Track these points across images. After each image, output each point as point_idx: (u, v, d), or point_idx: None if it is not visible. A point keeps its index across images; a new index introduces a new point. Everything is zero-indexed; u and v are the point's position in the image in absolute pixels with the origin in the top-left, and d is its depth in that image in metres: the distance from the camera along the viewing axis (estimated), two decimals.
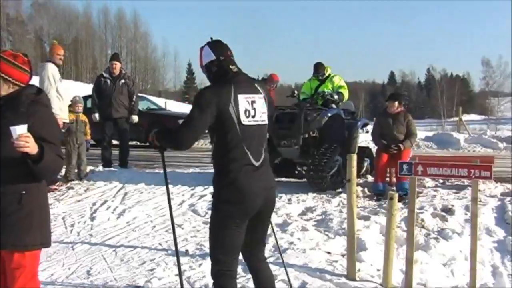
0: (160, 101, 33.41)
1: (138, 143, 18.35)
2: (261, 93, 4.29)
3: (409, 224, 5.58)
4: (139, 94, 15.82)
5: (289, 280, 5.41)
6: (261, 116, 4.25)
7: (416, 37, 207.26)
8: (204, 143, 21.14)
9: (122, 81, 11.62)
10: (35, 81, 4.77)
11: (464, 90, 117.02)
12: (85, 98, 13.15)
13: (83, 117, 10.81)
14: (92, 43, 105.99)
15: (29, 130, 3.60)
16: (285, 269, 5.38)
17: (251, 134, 4.17)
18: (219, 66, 4.27)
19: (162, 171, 8.32)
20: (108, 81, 11.58)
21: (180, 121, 17.46)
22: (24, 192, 3.82)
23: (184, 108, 44.58)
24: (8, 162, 3.72)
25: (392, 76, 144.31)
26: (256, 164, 4.20)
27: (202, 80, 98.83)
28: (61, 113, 9.73)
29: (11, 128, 3.54)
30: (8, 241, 3.81)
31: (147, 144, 17.77)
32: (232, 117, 4.07)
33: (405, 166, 5.51)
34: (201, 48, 4.38)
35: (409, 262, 5.47)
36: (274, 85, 15.07)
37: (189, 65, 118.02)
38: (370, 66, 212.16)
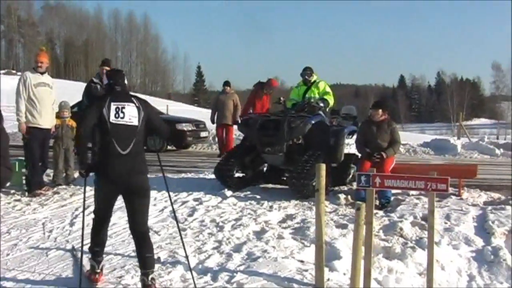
0: (163, 105, 33.42)
1: None
2: (133, 104, 5.91)
3: (367, 236, 5.60)
4: (143, 97, 15.95)
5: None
6: (130, 118, 5.83)
7: (426, 41, 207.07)
8: (202, 147, 21.24)
9: None
10: None
11: (474, 94, 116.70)
12: (78, 103, 13.26)
13: (70, 122, 10.90)
14: (103, 45, 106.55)
15: None
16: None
17: (119, 130, 5.76)
18: (109, 86, 6.05)
19: (153, 176, 8.58)
20: (98, 87, 11.60)
21: (177, 125, 17.57)
22: None
23: (192, 111, 44.72)
24: None
25: (402, 79, 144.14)
26: (123, 152, 5.77)
27: (211, 82, 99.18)
28: (34, 119, 9.90)
29: None
30: None
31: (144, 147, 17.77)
32: (104, 116, 5.74)
33: (363, 178, 5.53)
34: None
35: (367, 272, 5.48)
36: (272, 90, 15.10)
37: (199, 67, 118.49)
38: (381, 69, 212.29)
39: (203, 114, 18.01)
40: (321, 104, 10.77)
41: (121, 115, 5.77)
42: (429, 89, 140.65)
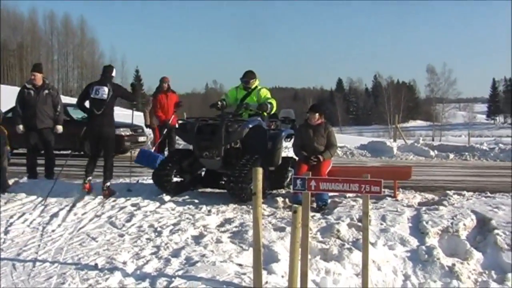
0: None
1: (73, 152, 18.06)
2: (106, 86, 10.26)
3: (303, 238, 5.66)
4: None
5: None
6: (102, 95, 10.18)
7: (363, 44, 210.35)
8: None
9: (46, 91, 11.56)
10: None
11: (410, 97, 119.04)
12: (12, 108, 13.06)
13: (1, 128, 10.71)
14: (38, 49, 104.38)
15: None
16: None
17: (96, 100, 10.21)
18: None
19: (92, 182, 8.61)
20: (32, 92, 11.49)
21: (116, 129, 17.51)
22: None
23: (131, 115, 44.16)
24: None
25: (340, 82, 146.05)
26: (97, 112, 10.18)
27: (150, 86, 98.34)
28: None
29: None
30: None
31: (82, 152, 17.63)
32: (90, 93, 10.24)
33: (298, 182, 5.60)
34: None
35: (304, 274, 5.55)
36: (166, 84, 16.29)
37: (137, 71, 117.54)
38: (319, 73, 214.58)
39: (142, 118, 17.88)
40: (266, 107, 10.69)
41: (97, 93, 10.20)
42: (366, 92, 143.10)
